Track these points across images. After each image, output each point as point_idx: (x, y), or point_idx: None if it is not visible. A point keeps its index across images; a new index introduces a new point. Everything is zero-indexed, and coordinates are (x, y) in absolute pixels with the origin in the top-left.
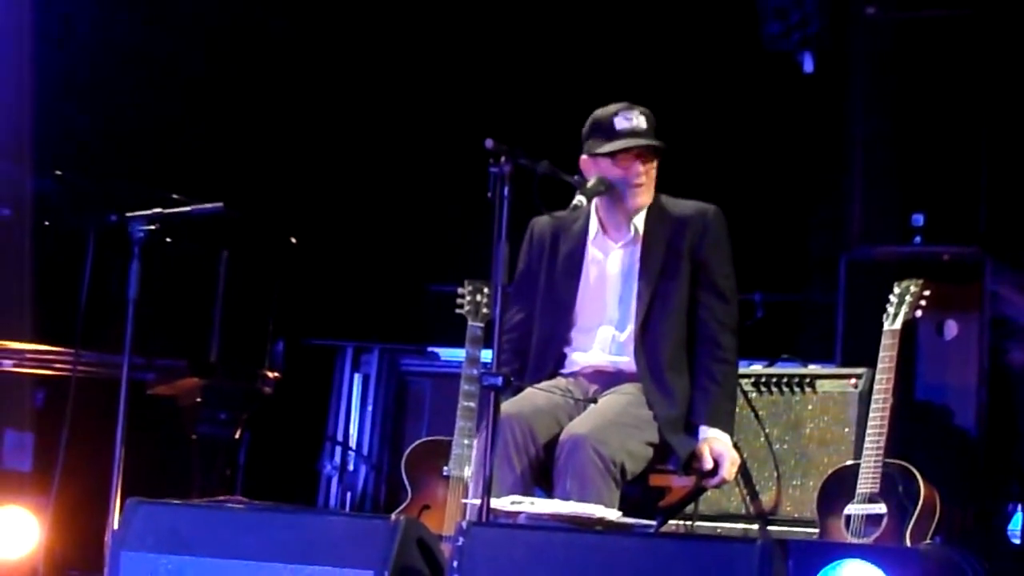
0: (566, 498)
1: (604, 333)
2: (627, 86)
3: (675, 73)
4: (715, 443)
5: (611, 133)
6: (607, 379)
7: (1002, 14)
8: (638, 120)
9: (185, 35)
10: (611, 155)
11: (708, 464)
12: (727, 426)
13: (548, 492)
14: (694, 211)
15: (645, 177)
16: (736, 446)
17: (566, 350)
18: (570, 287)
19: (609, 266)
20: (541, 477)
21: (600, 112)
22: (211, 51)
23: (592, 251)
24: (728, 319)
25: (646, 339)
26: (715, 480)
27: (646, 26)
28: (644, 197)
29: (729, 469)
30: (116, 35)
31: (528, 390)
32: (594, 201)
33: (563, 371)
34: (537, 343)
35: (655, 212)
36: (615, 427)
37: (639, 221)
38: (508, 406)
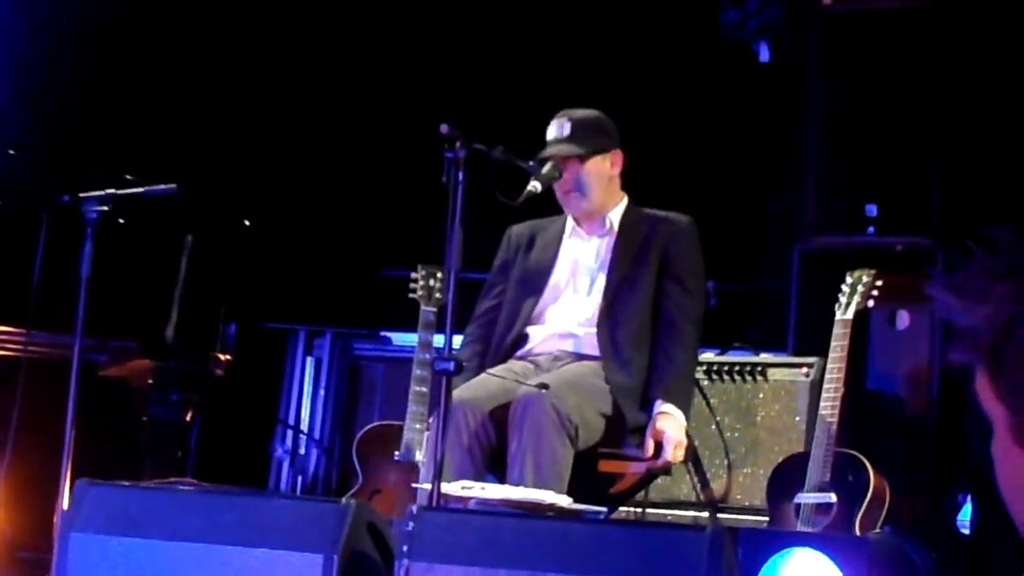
0: (522, 452)
1: (568, 312)
2: (581, 73)
3: (630, 61)
4: (663, 420)
5: (545, 143)
6: (563, 363)
7: (957, 6)
8: (562, 128)
9: (138, 14)
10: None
11: (650, 450)
12: (682, 403)
13: (501, 478)
14: (669, 217)
15: (564, 185)
16: (687, 434)
17: (527, 331)
18: (541, 275)
19: (582, 255)
20: (494, 463)
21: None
22: (166, 31)
23: (566, 244)
24: (691, 310)
25: (610, 315)
26: (659, 462)
27: (602, 12)
28: (580, 202)
29: (672, 451)
30: (70, 12)
31: (482, 375)
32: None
33: (520, 352)
34: (501, 325)
35: (631, 212)
36: (572, 389)
37: (615, 216)
38: (461, 392)
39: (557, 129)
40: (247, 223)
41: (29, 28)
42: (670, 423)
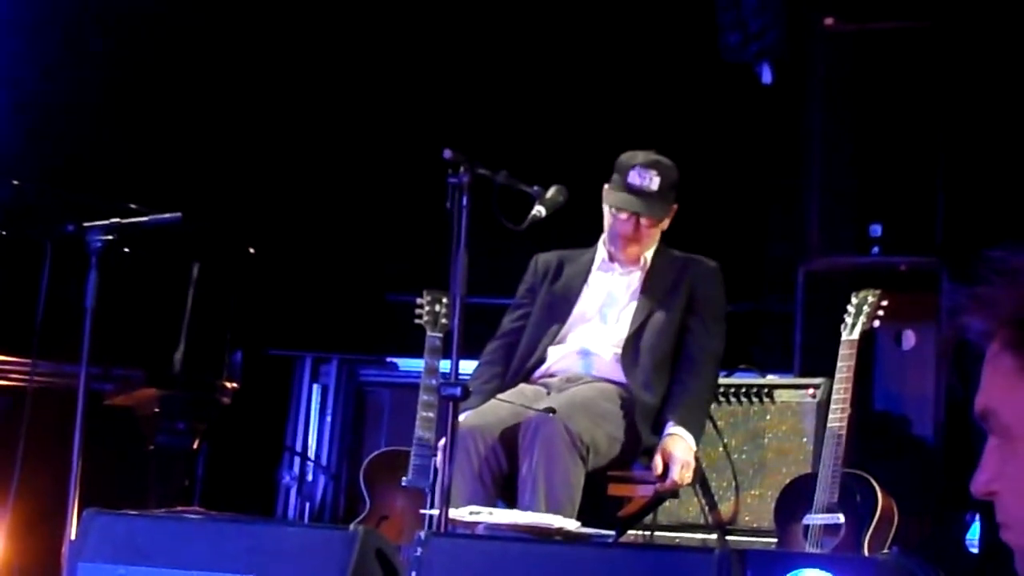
0: (532, 474)
1: (591, 335)
2: (584, 97)
3: (634, 84)
4: (672, 441)
5: (622, 184)
6: (575, 384)
7: (960, 26)
8: (651, 182)
9: (141, 43)
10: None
11: (658, 469)
12: (693, 428)
13: (511, 504)
14: (698, 263)
15: (632, 235)
16: (697, 467)
17: (547, 352)
18: (567, 302)
19: (612, 287)
20: (504, 489)
21: (626, 156)
22: (170, 60)
23: (596, 275)
24: (712, 349)
25: (636, 342)
26: (666, 483)
27: (606, 37)
28: (631, 251)
29: (680, 472)
30: (74, 42)
31: (492, 402)
32: (603, 235)
33: (536, 373)
34: (523, 347)
35: (662, 251)
36: (584, 411)
37: (648, 254)
38: (472, 418)
39: (642, 178)
40: (252, 250)
41: (33, 59)
42: (679, 445)
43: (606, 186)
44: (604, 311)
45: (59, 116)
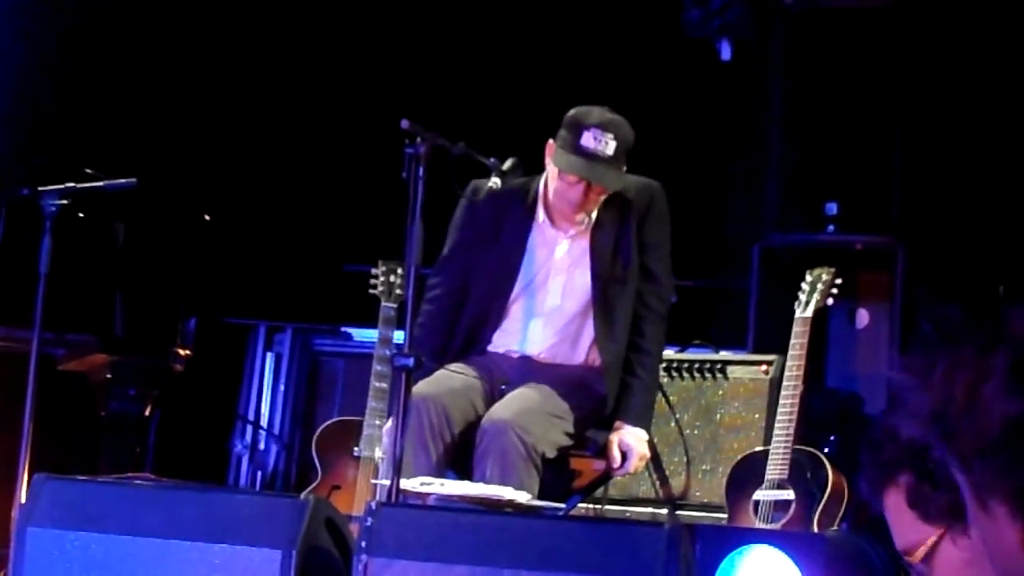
0: (487, 482)
1: (541, 323)
2: (543, 69)
3: (591, 58)
4: (625, 436)
5: (574, 146)
6: (529, 369)
7: (918, 6)
8: (606, 146)
9: (99, 8)
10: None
11: (615, 462)
12: (642, 421)
13: (461, 475)
14: (638, 189)
15: (581, 203)
16: (649, 441)
17: (496, 335)
18: (510, 273)
19: (556, 256)
20: (455, 461)
21: (579, 113)
22: (127, 26)
23: (537, 236)
24: (655, 302)
25: (611, 333)
26: (620, 470)
27: (566, 9)
28: (577, 215)
29: (635, 463)
30: (30, 8)
31: (442, 371)
32: (541, 185)
33: (485, 353)
34: (467, 324)
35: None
36: (538, 415)
37: (593, 212)
38: (422, 387)
39: (596, 141)
40: (207, 217)
41: None
42: (636, 439)
43: (551, 141)
44: (551, 287)
45: (14, 80)
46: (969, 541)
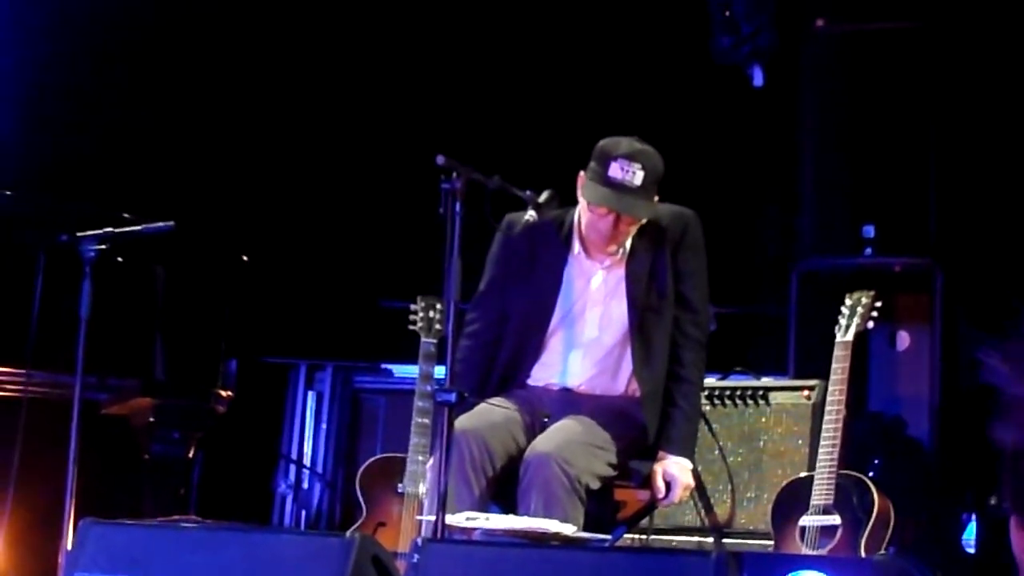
0: (532, 515)
1: (580, 354)
2: (576, 100)
3: (626, 87)
4: (669, 466)
5: (603, 177)
6: (570, 401)
7: (950, 27)
8: (634, 176)
9: (134, 54)
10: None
11: (660, 492)
12: (685, 450)
13: (505, 509)
14: (672, 217)
15: (610, 234)
16: (693, 470)
17: (535, 368)
18: (546, 305)
19: (592, 287)
20: (498, 494)
21: (608, 144)
22: (162, 71)
23: (574, 268)
24: (694, 330)
25: (650, 362)
26: (664, 500)
27: (598, 40)
28: (609, 248)
29: (680, 494)
30: (67, 52)
31: (483, 405)
32: (576, 216)
33: (525, 387)
34: (506, 358)
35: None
36: (581, 446)
37: (626, 240)
38: (464, 421)
39: (624, 171)
40: (245, 259)
41: (26, 70)
42: (680, 469)
43: (582, 173)
44: (588, 319)
45: (53, 126)
46: None
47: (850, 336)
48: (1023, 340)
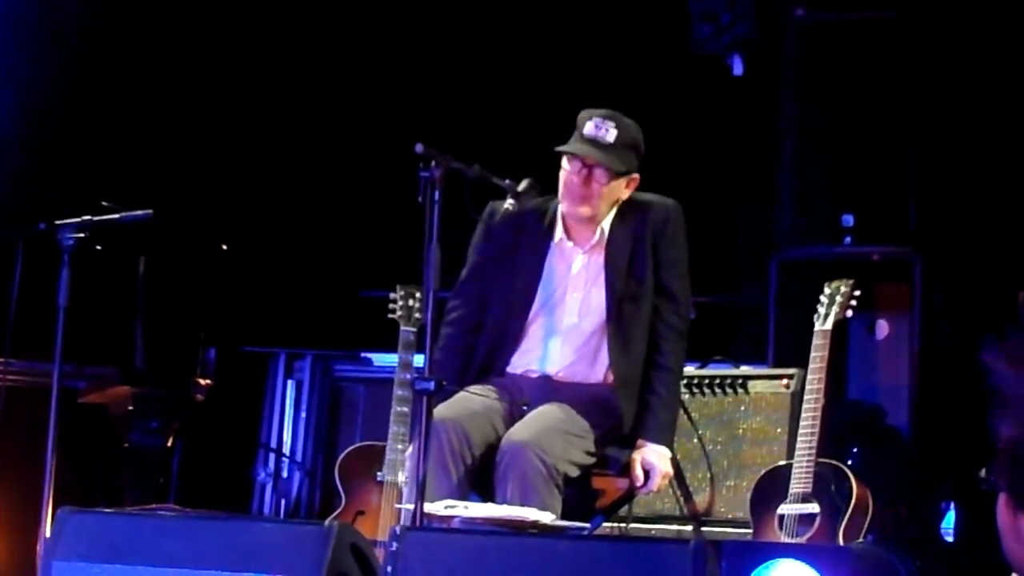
0: (508, 503)
1: (560, 341)
2: (556, 88)
3: (605, 75)
4: (648, 454)
5: (579, 134)
6: (548, 388)
7: (929, 16)
8: (607, 133)
9: (112, 41)
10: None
11: (639, 480)
12: (664, 439)
13: (484, 497)
14: (654, 206)
15: (583, 189)
16: (672, 458)
17: (515, 356)
18: (528, 292)
19: (572, 273)
20: (477, 482)
21: (585, 112)
22: (141, 57)
23: (555, 256)
24: (675, 319)
25: (626, 350)
26: (643, 489)
27: (577, 29)
28: (583, 210)
29: (659, 482)
30: (45, 40)
31: (462, 393)
32: (558, 205)
33: (504, 375)
34: (486, 346)
35: (618, 214)
36: (557, 434)
37: (605, 224)
38: (442, 410)
39: (597, 128)
40: (224, 247)
41: (3, 60)
42: (659, 457)
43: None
44: (568, 306)
45: (30, 115)
46: None
47: (829, 325)
48: (1023, 338)
